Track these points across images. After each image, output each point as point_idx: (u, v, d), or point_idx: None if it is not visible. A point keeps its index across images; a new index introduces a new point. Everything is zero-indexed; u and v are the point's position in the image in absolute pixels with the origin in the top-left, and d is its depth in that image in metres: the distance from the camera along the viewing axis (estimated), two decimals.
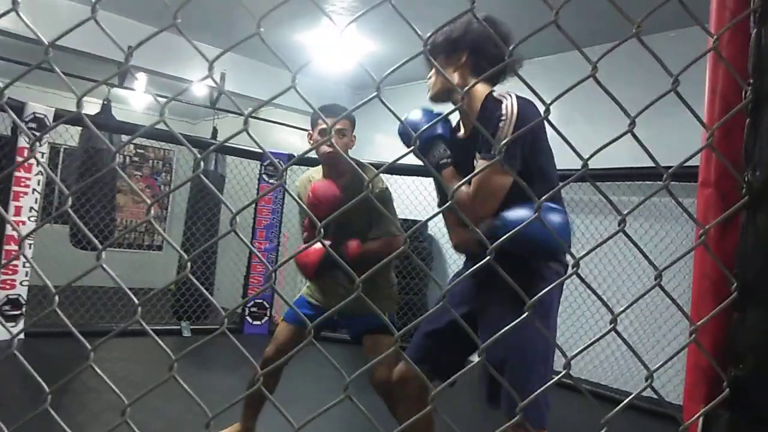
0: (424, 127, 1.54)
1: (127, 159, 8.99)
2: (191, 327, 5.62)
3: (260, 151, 5.87)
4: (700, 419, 0.73)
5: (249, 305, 5.93)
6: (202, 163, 0.83)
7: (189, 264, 0.76)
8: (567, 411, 3.35)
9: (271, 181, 5.96)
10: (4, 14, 0.76)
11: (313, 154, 3.82)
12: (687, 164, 0.74)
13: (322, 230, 0.78)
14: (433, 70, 1.88)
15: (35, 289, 4.74)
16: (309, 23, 5.23)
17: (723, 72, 0.80)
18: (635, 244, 0.73)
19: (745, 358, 0.69)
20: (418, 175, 5.62)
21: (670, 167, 0.78)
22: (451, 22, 1.78)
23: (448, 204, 0.74)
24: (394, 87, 6.45)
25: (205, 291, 0.91)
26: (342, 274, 2.57)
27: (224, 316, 0.79)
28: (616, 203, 3.56)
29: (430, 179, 5.69)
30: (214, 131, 6.34)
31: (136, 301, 0.76)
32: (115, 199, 5.78)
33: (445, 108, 1.89)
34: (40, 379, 0.71)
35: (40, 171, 4.52)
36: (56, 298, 0.75)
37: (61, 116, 4.61)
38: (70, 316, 5.12)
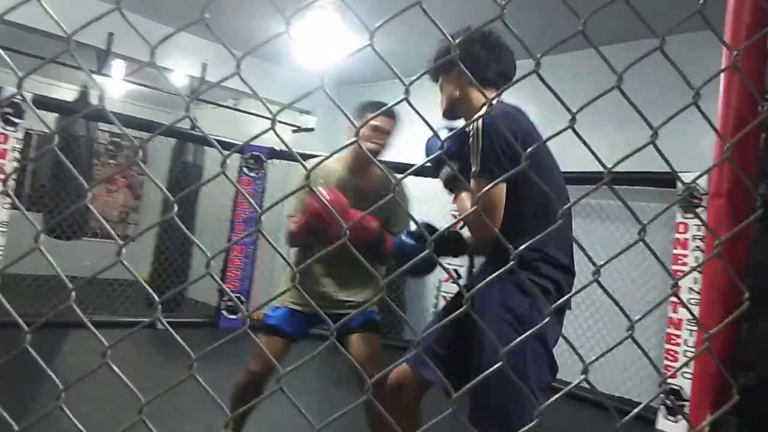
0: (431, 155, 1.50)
1: (102, 147, 8.83)
2: (166, 319, 5.55)
3: (240, 143, 5.81)
4: (707, 425, 0.75)
5: (225, 298, 5.88)
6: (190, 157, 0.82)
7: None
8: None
9: (251, 174, 5.90)
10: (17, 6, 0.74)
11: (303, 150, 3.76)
12: (649, 170, 0.75)
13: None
14: (439, 88, 1.94)
15: (8, 277, 4.64)
16: (294, 16, 5.19)
17: (737, 85, 0.82)
18: (654, 254, 0.74)
19: (755, 365, 0.71)
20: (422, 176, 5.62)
21: (653, 173, 0.79)
22: (441, 41, 1.88)
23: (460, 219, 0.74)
24: (392, 81, 6.44)
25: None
26: (327, 268, 2.54)
27: (248, 312, 0.78)
28: (596, 207, 3.59)
29: (417, 178, 5.73)
30: (192, 120, 6.26)
31: (71, 286, 0.74)
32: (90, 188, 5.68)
33: (459, 124, 1.97)
34: (54, 376, 0.70)
35: (15, 157, 4.41)
36: (73, 294, 0.73)
37: (39, 101, 4.51)
38: (43, 306, 5.03)
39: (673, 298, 3.74)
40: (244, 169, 5.92)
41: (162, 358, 4.36)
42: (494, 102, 1.71)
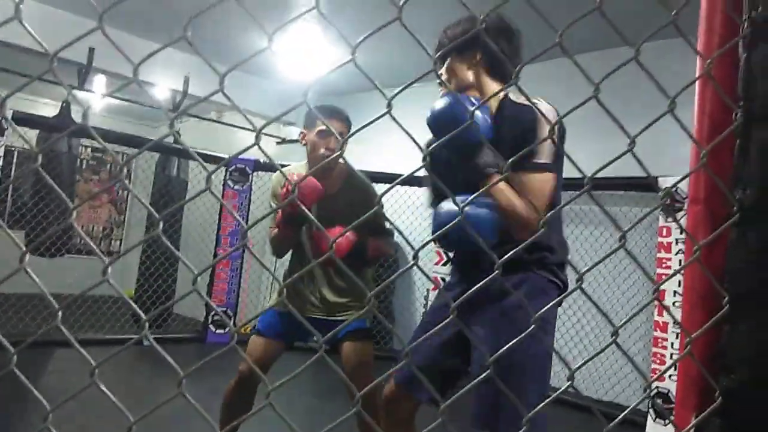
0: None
1: (84, 163, 8.76)
2: (152, 335, 5.50)
3: (224, 156, 5.80)
4: (692, 427, 0.76)
5: (212, 313, 5.84)
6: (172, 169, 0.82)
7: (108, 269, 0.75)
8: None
9: (235, 187, 5.89)
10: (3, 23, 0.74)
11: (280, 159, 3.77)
12: (630, 175, 0.77)
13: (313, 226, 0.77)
14: (445, 69, 1.83)
15: None
16: (276, 29, 5.20)
17: (711, 93, 0.84)
18: (635, 260, 0.75)
19: (736, 369, 0.72)
20: (385, 182, 5.65)
21: (634, 178, 0.80)
22: (455, 23, 1.82)
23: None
24: (370, 92, 6.46)
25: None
26: (319, 277, 2.54)
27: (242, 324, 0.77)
28: (579, 213, 3.61)
29: (403, 188, 5.76)
30: (176, 135, 6.24)
31: (56, 305, 0.74)
32: (73, 203, 5.63)
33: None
34: (41, 397, 0.69)
35: None
36: (59, 314, 0.73)
37: (20, 118, 4.47)
38: (27, 325, 4.96)
39: (658, 302, 3.78)
40: (229, 182, 5.90)
41: (149, 374, 4.31)
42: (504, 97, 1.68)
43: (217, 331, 5.83)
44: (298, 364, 0.78)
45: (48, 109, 6.91)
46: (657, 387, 4.06)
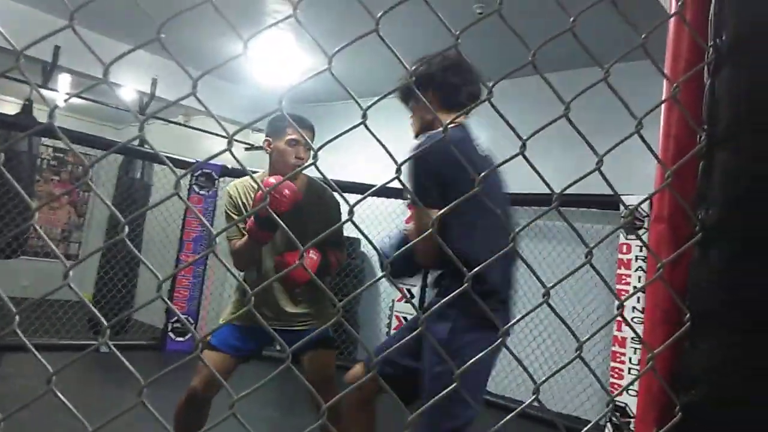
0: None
1: (45, 163, 8.53)
2: (110, 342, 5.36)
3: (191, 160, 5.72)
4: None
5: (172, 320, 5.73)
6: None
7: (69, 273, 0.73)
8: None
9: (201, 192, 5.80)
10: None
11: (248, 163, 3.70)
12: (593, 192, 0.79)
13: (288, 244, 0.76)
14: (411, 114, 2.06)
15: None
16: (249, 35, 5.17)
17: (677, 116, 0.87)
18: (601, 277, 0.77)
19: (696, 386, 0.74)
20: (359, 193, 5.65)
21: (596, 195, 0.82)
22: (412, 68, 1.96)
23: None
24: (345, 102, 6.45)
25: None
26: (287, 287, 2.49)
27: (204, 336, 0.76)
28: (543, 228, 3.65)
29: (378, 199, 5.77)
30: (142, 138, 6.14)
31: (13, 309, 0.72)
32: (33, 204, 5.46)
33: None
34: None
35: None
36: (17, 318, 0.70)
37: None
38: None
39: (618, 317, 3.85)
40: (195, 187, 5.81)
41: (105, 382, 4.20)
42: (453, 124, 1.88)
43: (177, 338, 5.72)
44: (259, 374, 0.77)
45: (8, 107, 6.73)
46: (615, 401, 4.12)
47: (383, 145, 0.70)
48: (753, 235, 0.72)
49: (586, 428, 0.75)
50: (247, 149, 7.00)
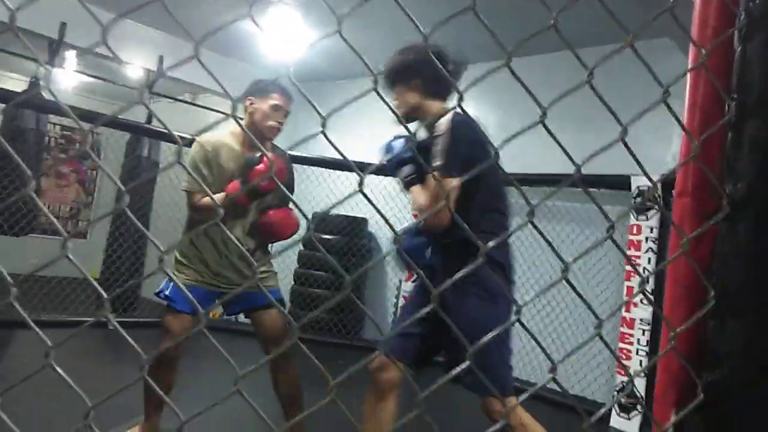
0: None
1: (52, 141, 8.52)
2: (117, 319, 5.38)
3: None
4: (672, 425, 0.75)
5: None
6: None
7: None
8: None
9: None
10: None
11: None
12: (602, 173, 0.75)
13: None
14: (395, 97, 2.20)
15: None
16: (255, 12, 5.10)
17: (704, 85, 0.83)
18: (621, 250, 0.73)
19: (722, 364, 0.71)
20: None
21: (606, 176, 0.79)
22: (396, 54, 2.17)
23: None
24: (351, 80, 6.39)
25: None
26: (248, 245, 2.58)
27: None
28: (552, 209, 3.64)
29: (378, 177, 5.73)
30: (149, 115, 6.10)
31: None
32: (39, 182, 5.46)
33: (412, 130, 2.25)
34: None
35: None
36: (14, 290, 0.68)
37: None
38: None
39: (627, 298, 3.80)
40: (182, 163, 5.78)
41: (113, 359, 4.21)
42: (450, 111, 2.04)
43: None
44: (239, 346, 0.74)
45: (16, 84, 6.71)
46: (622, 382, 4.12)
47: (395, 113, 0.66)
48: None
49: (602, 410, 0.72)
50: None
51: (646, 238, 4.15)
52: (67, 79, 7.49)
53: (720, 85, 0.76)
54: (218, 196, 2.41)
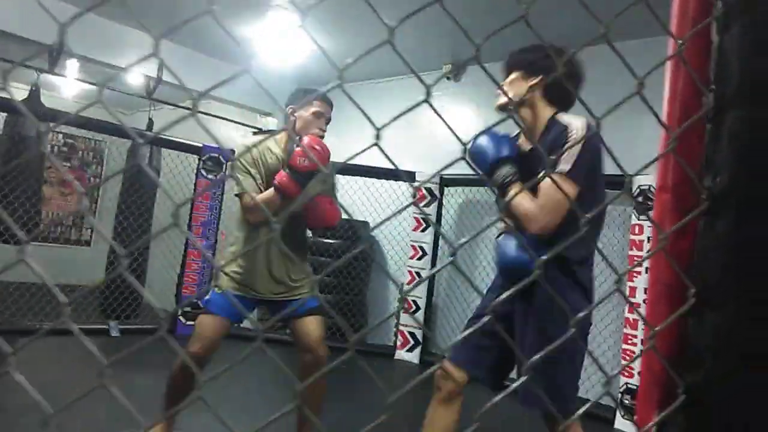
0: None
1: (56, 149, 8.56)
2: (120, 326, 5.39)
3: (199, 144, 5.70)
4: (654, 425, 0.73)
5: (182, 304, 5.75)
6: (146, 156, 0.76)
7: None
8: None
9: (209, 176, 5.78)
10: None
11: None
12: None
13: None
14: (508, 81, 2.10)
15: None
16: (254, 16, 5.12)
17: (683, 77, 0.81)
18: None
19: (701, 363, 0.69)
20: (368, 177, 5.62)
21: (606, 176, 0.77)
22: (532, 45, 2.05)
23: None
24: (353, 84, 6.38)
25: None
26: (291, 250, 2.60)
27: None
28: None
29: (380, 181, 5.73)
30: (150, 122, 6.12)
31: (62, 299, 0.68)
32: (41, 190, 5.47)
33: (506, 129, 2.08)
34: None
35: None
36: (68, 309, 0.67)
37: None
38: None
39: (631, 299, 3.75)
40: (202, 171, 5.79)
41: (120, 366, 4.20)
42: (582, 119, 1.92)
43: (188, 323, 5.74)
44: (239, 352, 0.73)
45: (17, 92, 6.73)
46: (626, 383, 4.08)
47: (447, 124, 0.65)
48: (764, 203, 0.67)
49: (583, 408, 0.70)
50: (255, 133, 6.96)
51: (648, 238, 4.12)
52: (68, 86, 7.52)
53: (698, 77, 0.74)
54: (267, 193, 2.46)
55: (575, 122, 1.91)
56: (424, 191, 5.50)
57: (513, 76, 2.10)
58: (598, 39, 0.69)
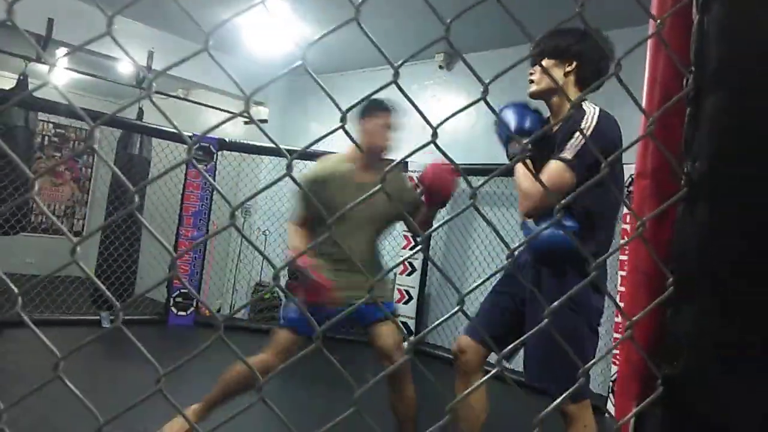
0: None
1: (46, 139, 8.48)
2: (112, 317, 5.36)
3: (190, 134, 5.64)
4: (632, 416, 0.71)
5: (174, 295, 5.72)
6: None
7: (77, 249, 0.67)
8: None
9: (200, 166, 5.73)
10: None
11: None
12: None
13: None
14: (538, 69, 2.06)
15: None
16: (242, 3, 5.04)
17: (664, 59, 0.78)
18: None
19: (679, 355, 0.67)
20: None
21: None
22: (560, 28, 2.00)
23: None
24: (344, 73, 6.34)
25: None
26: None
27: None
28: (495, 195, 3.63)
29: None
30: (140, 112, 6.06)
31: (16, 290, 0.66)
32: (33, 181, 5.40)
33: (538, 105, 2.10)
34: None
35: None
36: (20, 300, 0.65)
37: None
38: None
39: (621, 288, 3.76)
40: (193, 161, 5.74)
41: (109, 357, 4.18)
42: (594, 106, 1.94)
43: (179, 313, 5.72)
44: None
45: (4, 81, 6.67)
46: (615, 373, 4.09)
47: (414, 105, 0.62)
48: (744, 189, 0.64)
49: (554, 403, 0.68)
50: (246, 123, 6.91)
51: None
52: (58, 76, 7.43)
53: (678, 59, 0.72)
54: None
55: (591, 111, 1.92)
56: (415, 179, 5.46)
57: (546, 63, 2.06)
58: (572, 16, 0.66)
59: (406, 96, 0.70)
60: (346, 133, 0.66)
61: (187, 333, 5.46)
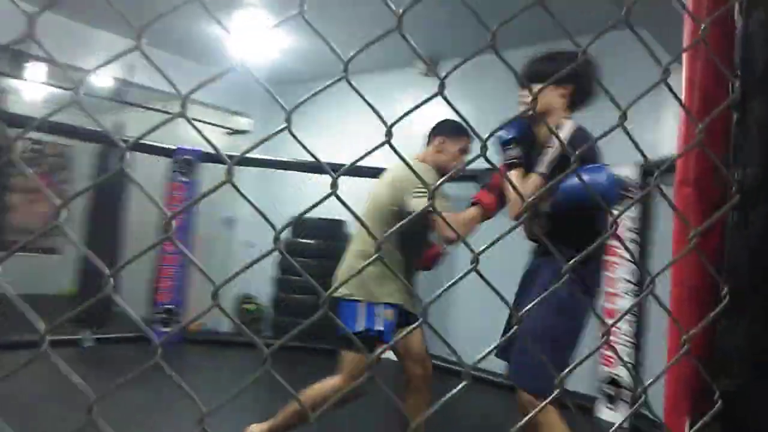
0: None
1: (23, 156, 8.29)
2: (94, 336, 5.22)
3: (171, 147, 5.57)
4: None
5: (157, 311, 5.61)
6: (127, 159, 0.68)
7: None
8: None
9: (183, 179, 5.64)
10: None
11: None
12: None
13: None
14: (531, 93, 2.08)
15: None
16: (223, 15, 5.00)
17: (702, 63, 0.76)
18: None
19: (737, 368, 0.65)
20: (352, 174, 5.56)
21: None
22: (555, 51, 2.10)
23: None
24: (325, 81, 6.29)
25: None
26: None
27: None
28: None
29: (352, 179, 5.64)
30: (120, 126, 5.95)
31: None
32: (6, 198, 5.27)
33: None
34: None
35: None
36: None
37: None
38: None
39: (609, 289, 3.76)
40: (177, 174, 5.65)
41: (91, 377, 4.07)
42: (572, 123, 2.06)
43: (164, 329, 5.61)
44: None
45: None
46: (610, 373, 4.10)
47: (371, 106, 0.59)
48: None
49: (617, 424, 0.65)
50: (229, 134, 6.84)
51: (627, 229, 4.13)
52: (34, 91, 7.29)
53: (720, 63, 0.70)
54: (470, 211, 2.51)
55: (566, 127, 2.05)
56: None
57: (539, 88, 2.10)
58: (617, 20, 0.64)
59: (358, 93, 0.67)
60: (292, 134, 0.62)
61: (173, 349, 5.35)
